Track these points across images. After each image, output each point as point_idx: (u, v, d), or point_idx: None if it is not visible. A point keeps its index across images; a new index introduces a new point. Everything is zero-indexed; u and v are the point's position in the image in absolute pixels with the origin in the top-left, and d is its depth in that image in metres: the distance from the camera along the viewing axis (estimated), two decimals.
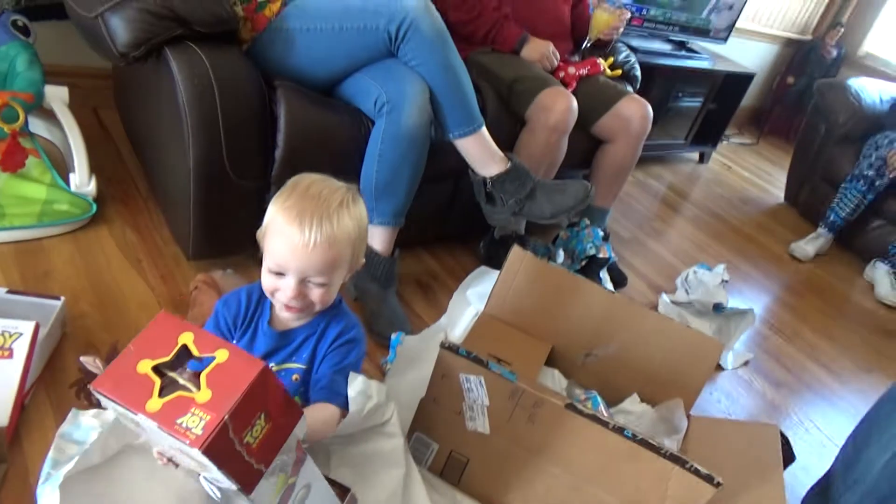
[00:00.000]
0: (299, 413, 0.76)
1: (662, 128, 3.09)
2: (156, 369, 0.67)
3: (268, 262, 0.96)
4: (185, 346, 0.69)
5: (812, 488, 1.35)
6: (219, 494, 0.80)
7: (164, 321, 0.72)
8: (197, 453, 0.62)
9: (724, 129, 3.47)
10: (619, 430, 1.06)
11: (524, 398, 1.10)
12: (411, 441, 1.22)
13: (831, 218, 2.76)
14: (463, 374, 1.12)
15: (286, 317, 1.03)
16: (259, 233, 1.01)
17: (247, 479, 0.69)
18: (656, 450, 1.04)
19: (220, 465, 0.65)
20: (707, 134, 3.38)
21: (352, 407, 0.99)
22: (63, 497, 0.85)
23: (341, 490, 0.97)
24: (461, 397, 1.14)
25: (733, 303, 2.01)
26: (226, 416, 0.63)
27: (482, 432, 1.16)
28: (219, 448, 0.63)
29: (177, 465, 0.84)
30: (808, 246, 2.76)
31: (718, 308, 1.93)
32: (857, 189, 2.67)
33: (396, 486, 1.08)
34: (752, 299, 2.31)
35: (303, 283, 0.96)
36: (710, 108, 3.20)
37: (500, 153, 1.60)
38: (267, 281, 0.98)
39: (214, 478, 0.71)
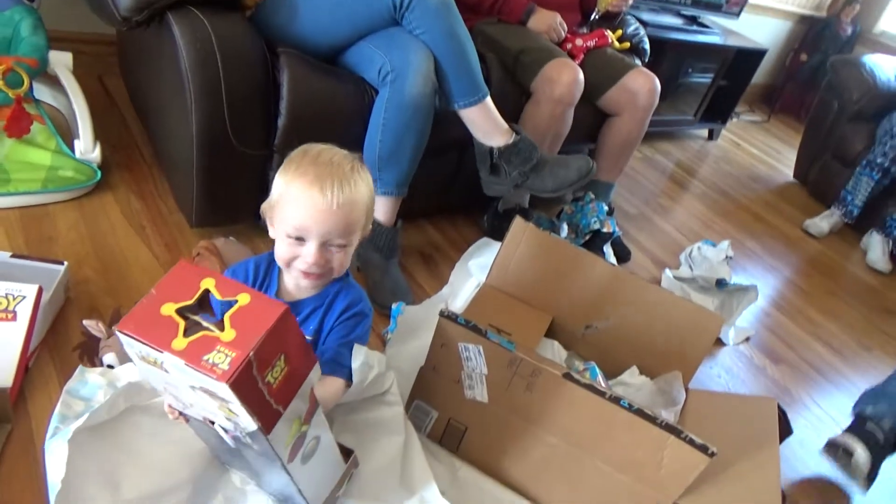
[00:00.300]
0: (314, 360, 0.77)
1: (672, 104, 3.05)
2: (179, 312, 0.68)
3: (285, 230, 0.95)
4: (207, 291, 0.70)
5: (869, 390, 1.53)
6: (232, 443, 0.81)
7: (185, 268, 0.73)
8: (223, 388, 0.64)
9: (734, 105, 3.43)
10: (616, 400, 1.06)
11: (522, 367, 1.10)
12: (411, 409, 1.23)
13: (846, 201, 2.75)
14: (462, 343, 1.12)
15: (304, 285, 1.03)
16: (265, 206, 1.00)
17: (267, 418, 0.71)
18: (652, 420, 1.05)
19: (244, 401, 0.66)
20: (717, 111, 3.34)
21: (355, 377, 1.01)
22: (71, 450, 0.87)
23: (345, 452, 0.99)
24: (460, 366, 1.15)
25: (737, 279, 2.01)
26: (251, 354, 0.65)
27: (480, 401, 1.17)
28: (243, 384, 0.65)
29: (187, 420, 0.85)
30: (823, 223, 2.76)
31: (721, 284, 1.93)
32: (871, 176, 2.66)
33: (396, 453, 1.10)
34: (756, 276, 2.30)
35: (323, 247, 0.96)
36: (720, 84, 3.16)
37: (505, 124, 1.59)
38: (284, 250, 0.97)
39: (234, 420, 0.72)
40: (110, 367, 1.12)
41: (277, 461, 0.79)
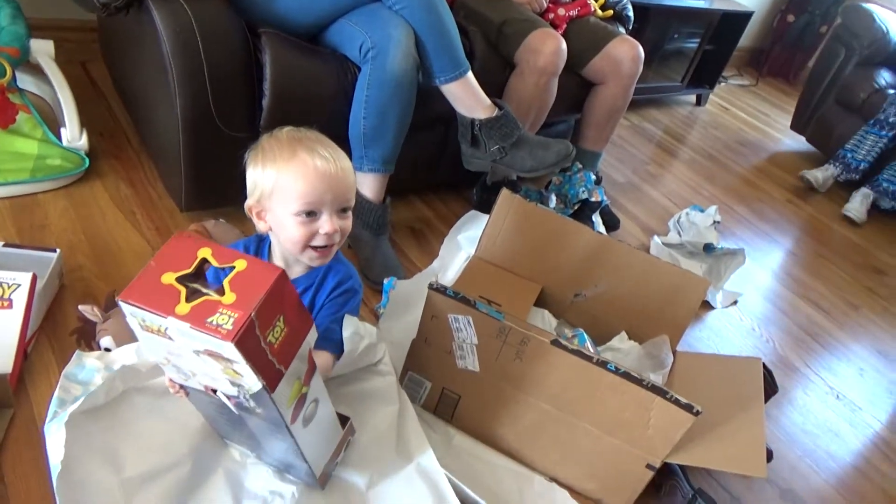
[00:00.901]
0: (311, 322, 0.80)
1: (658, 70, 3.05)
2: (179, 280, 0.71)
3: (293, 210, 0.96)
4: (204, 259, 0.72)
5: None
6: (235, 410, 0.84)
7: (181, 238, 0.75)
8: (229, 348, 0.66)
9: (721, 70, 3.42)
10: (603, 364, 1.09)
11: (511, 336, 1.13)
12: (405, 380, 1.26)
13: (846, 159, 2.77)
14: (451, 314, 1.15)
15: (318, 263, 1.04)
16: (251, 203, 1.02)
17: (270, 377, 0.74)
18: (638, 382, 1.08)
19: (249, 360, 0.69)
20: (704, 76, 3.34)
21: (347, 347, 1.03)
22: (69, 433, 0.89)
23: (341, 419, 1.02)
24: (451, 337, 1.17)
25: (726, 244, 2.03)
26: (252, 313, 0.67)
27: (472, 370, 1.20)
28: (247, 343, 0.68)
29: (187, 393, 0.88)
30: (818, 173, 2.82)
31: (709, 248, 1.95)
32: (878, 134, 2.68)
33: (391, 422, 1.13)
34: (745, 240, 2.33)
35: (336, 216, 0.99)
36: (706, 48, 3.15)
37: (488, 100, 1.59)
38: (297, 232, 0.97)
39: (238, 382, 0.75)
40: (107, 349, 1.14)
41: (281, 424, 0.82)
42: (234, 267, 0.71)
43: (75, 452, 0.89)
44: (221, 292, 0.69)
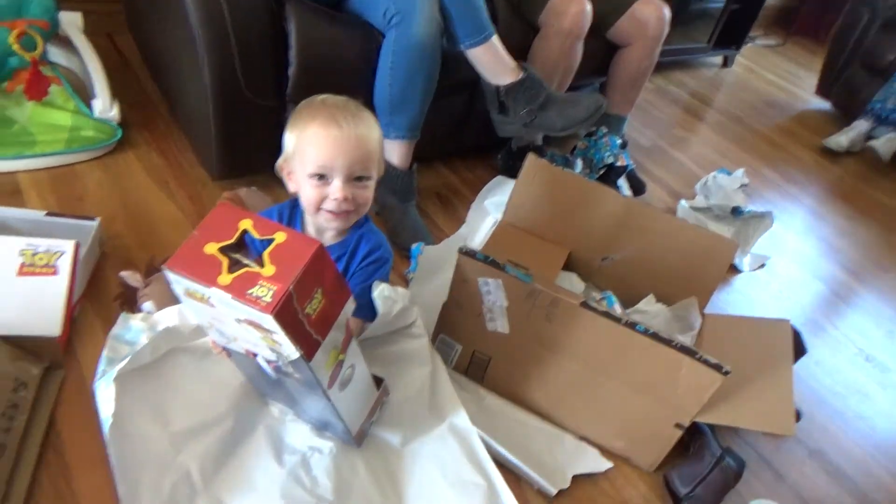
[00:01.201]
0: (348, 293, 0.83)
1: (683, 31, 2.98)
2: (221, 251, 0.73)
3: (308, 172, 1.00)
4: (245, 231, 0.75)
5: None
6: (273, 374, 0.87)
7: (223, 210, 0.78)
8: (268, 319, 0.69)
9: (748, 30, 3.34)
10: (632, 326, 1.10)
11: (541, 298, 1.15)
12: (436, 343, 1.29)
13: (874, 110, 2.71)
14: (481, 277, 1.16)
15: (334, 226, 1.07)
16: (280, 163, 1.06)
17: (308, 347, 0.77)
18: (667, 342, 1.09)
19: (287, 331, 0.72)
20: (731, 36, 3.25)
21: (381, 309, 1.06)
22: (119, 389, 0.94)
23: (376, 381, 1.06)
24: (481, 300, 1.19)
25: (754, 207, 2.01)
26: (291, 287, 0.70)
27: (502, 332, 1.22)
28: (286, 315, 0.71)
29: (229, 354, 0.91)
30: (842, 138, 2.74)
31: (737, 212, 1.94)
32: None
33: (424, 382, 1.16)
34: (773, 202, 2.30)
35: (348, 182, 1.00)
36: (733, 8, 3.07)
37: (513, 63, 1.59)
38: (311, 193, 1.01)
39: (276, 350, 0.78)
40: (150, 313, 1.18)
41: (318, 388, 0.85)
42: (273, 239, 0.73)
43: (125, 407, 0.94)
44: (261, 263, 0.72)
